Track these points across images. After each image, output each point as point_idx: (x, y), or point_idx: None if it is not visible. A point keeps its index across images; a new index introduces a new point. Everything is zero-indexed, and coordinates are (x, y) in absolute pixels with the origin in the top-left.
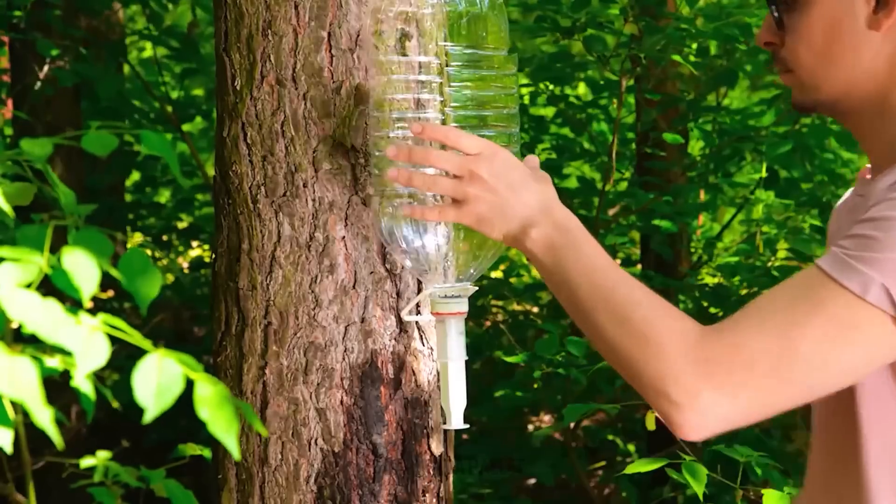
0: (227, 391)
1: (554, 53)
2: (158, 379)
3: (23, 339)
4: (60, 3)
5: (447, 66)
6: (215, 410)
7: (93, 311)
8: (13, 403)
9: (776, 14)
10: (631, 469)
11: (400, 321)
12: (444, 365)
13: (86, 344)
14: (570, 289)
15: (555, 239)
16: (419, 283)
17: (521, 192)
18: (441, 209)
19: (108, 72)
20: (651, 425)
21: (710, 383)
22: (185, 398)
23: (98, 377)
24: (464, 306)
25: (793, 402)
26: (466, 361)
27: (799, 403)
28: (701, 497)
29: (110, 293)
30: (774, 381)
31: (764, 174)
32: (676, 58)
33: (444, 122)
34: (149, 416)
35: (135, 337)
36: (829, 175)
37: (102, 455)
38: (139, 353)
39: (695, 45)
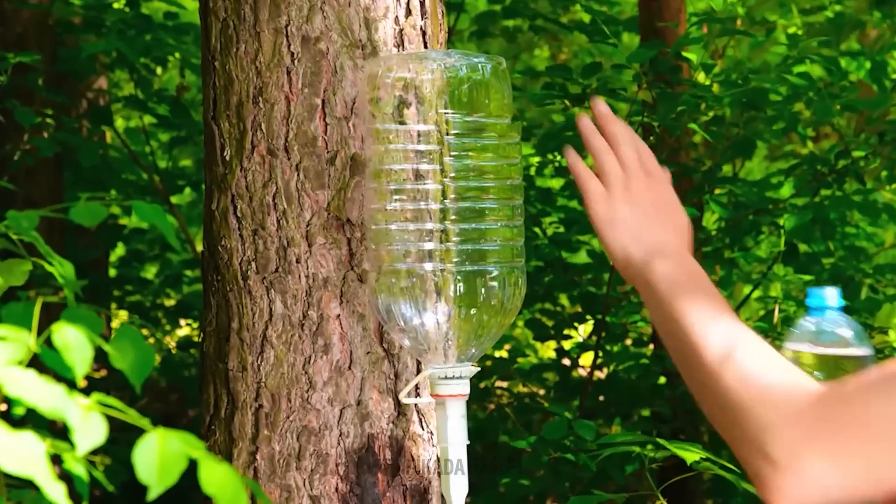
0: (233, 468)
1: (561, 122)
2: (160, 457)
3: None
4: (42, 67)
5: (447, 134)
6: (223, 488)
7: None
8: None
9: None
10: None
11: (398, 404)
12: (444, 449)
13: (83, 423)
14: (682, 330)
15: (679, 276)
16: (418, 363)
17: (666, 216)
18: (590, 182)
19: (92, 140)
20: None
21: (820, 445)
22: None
23: (88, 461)
24: (465, 388)
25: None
26: (469, 446)
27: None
28: None
29: (103, 372)
30: (872, 469)
31: (782, 248)
32: (693, 126)
33: (443, 194)
34: (153, 494)
35: (131, 416)
36: (851, 250)
37: None
38: (125, 435)
39: (711, 113)
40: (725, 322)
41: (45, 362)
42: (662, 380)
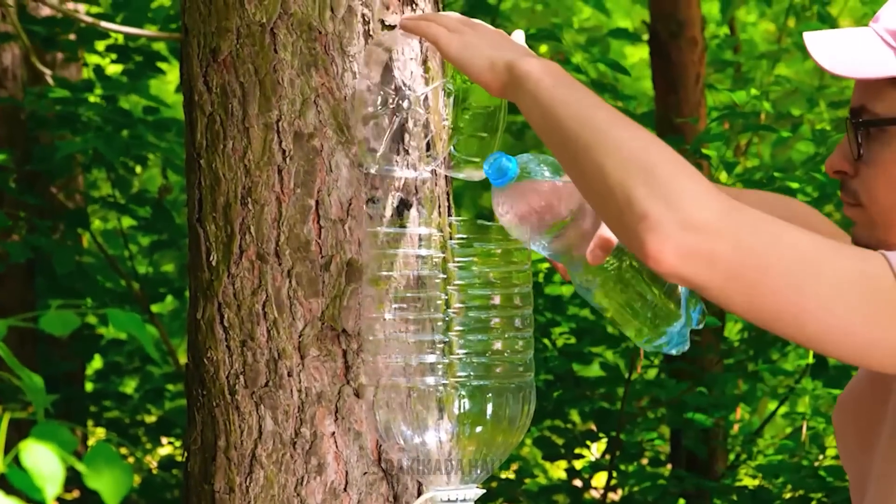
0: None
1: None
2: None
3: None
4: (14, 166)
5: (451, 238)
6: None
7: None
8: None
9: (858, 141)
10: None
11: None
12: None
13: None
14: (570, 116)
15: (551, 67)
16: (419, 485)
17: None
18: (431, 28)
19: (67, 245)
20: None
21: (703, 235)
22: None
23: None
24: None
25: (772, 316)
26: None
27: (778, 328)
28: None
29: (76, 493)
30: (766, 278)
31: (811, 360)
32: None
33: (447, 303)
34: None
35: None
36: None
37: None
38: None
39: None
40: (607, 110)
41: (12, 483)
42: (682, 502)
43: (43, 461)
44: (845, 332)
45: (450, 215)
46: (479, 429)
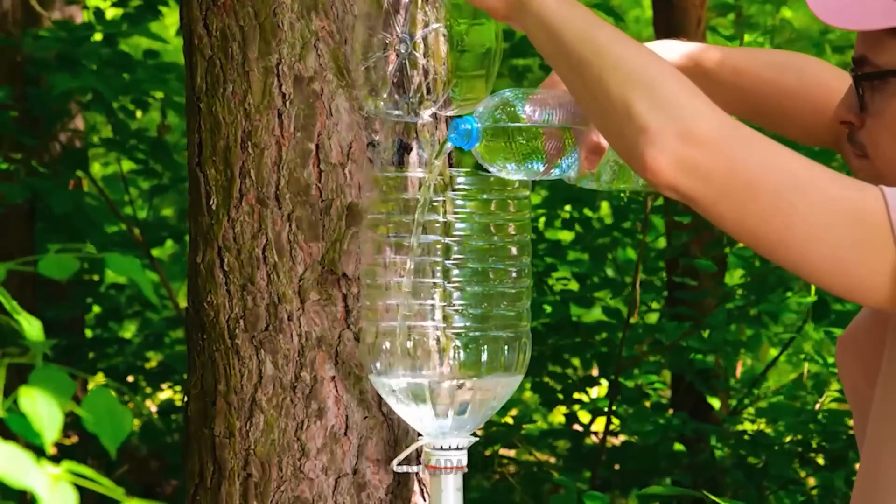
0: None
1: None
2: None
3: None
4: (12, 106)
5: (451, 190)
6: None
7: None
8: None
9: (860, 92)
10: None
11: (398, 472)
12: None
13: (51, 494)
14: (573, 34)
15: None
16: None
17: None
18: None
19: (66, 186)
20: None
21: (701, 149)
22: None
23: None
24: (463, 460)
25: (760, 237)
26: None
27: (765, 250)
28: None
29: (74, 439)
30: (756, 198)
31: (813, 298)
32: None
33: (447, 251)
34: None
35: (105, 485)
36: None
37: None
38: None
39: None
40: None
41: (11, 428)
42: (679, 446)
43: (41, 406)
44: (831, 262)
45: (450, 164)
46: (475, 378)
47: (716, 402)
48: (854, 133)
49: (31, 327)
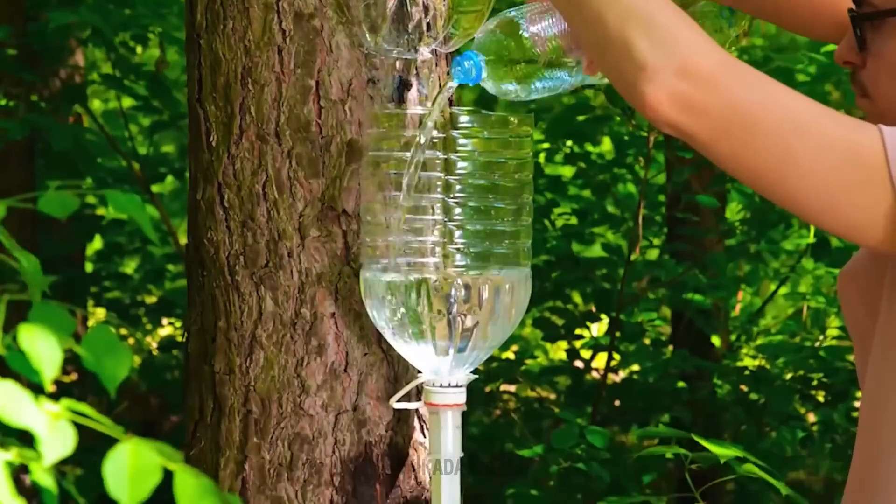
0: (212, 482)
1: (572, 105)
2: (132, 469)
3: None
4: (12, 42)
5: (453, 128)
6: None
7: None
8: None
9: (859, 33)
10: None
11: (398, 409)
12: (436, 462)
13: (50, 431)
14: None
15: None
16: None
17: None
18: None
19: (65, 122)
20: None
21: (698, 85)
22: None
23: (59, 472)
24: (462, 397)
25: (756, 173)
26: (474, 454)
27: (761, 186)
28: None
29: (74, 376)
30: (753, 134)
31: (812, 240)
32: None
33: (447, 188)
34: None
35: (104, 423)
36: None
37: None
38: (98, 445)
39: None
40: None
41: (10, 365)
42: (682, 384)
43: (40, 344)
44: (828, 202)
45: (451, 103)
46: (475, 316)
47: (716, 340)
48: (856, 73)
49: (30, 265)
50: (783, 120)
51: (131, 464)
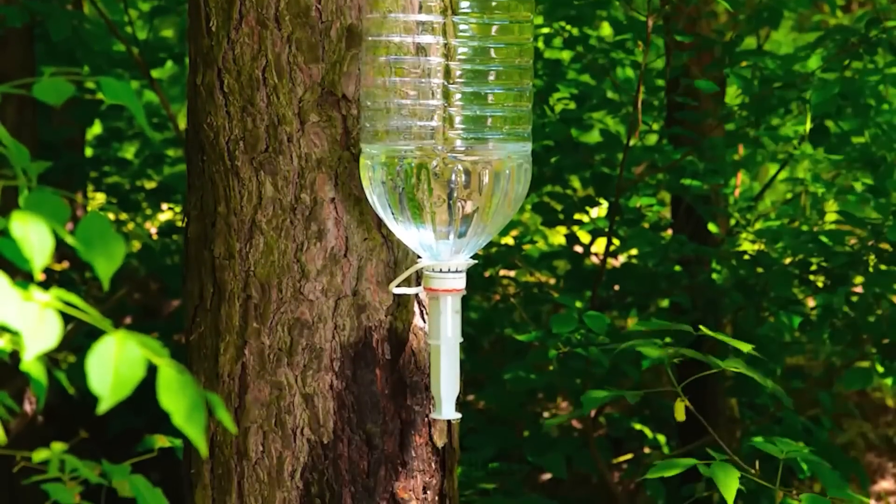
0: (193, 379)
1: None
2: (116, 364)
3: None
4: None
5: (454, 14)
6: (179, 401)
7: (47, 284)
8: None
9: None
10: (654, 473)
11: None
12: (436, 347)
13: (35, 323)
14: None
15: None
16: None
17: None
18: None
19: (64, 9)
20: (680, 416)
21: None
22: (153, 382)
23: (52, 359)
24: (461, 283)
25: None
26: (474, 339)
27: None
28: (731, 502)
29: (65, 264)
30: None
31: (809, 125)
32: None
33: (447, 73)
34: (104, 406)
35: (92, 315)
36: (887, 128)
37: (57, 447)
38: (100, 332)
39: None
40: None
41: (2, 253)
42: (677, 268)
43: (31, 231)
44: None
45: None
46: (474, 201)
47: (713, 227)
48: None
49: (19, 152)
50: None
51: (117, 359)
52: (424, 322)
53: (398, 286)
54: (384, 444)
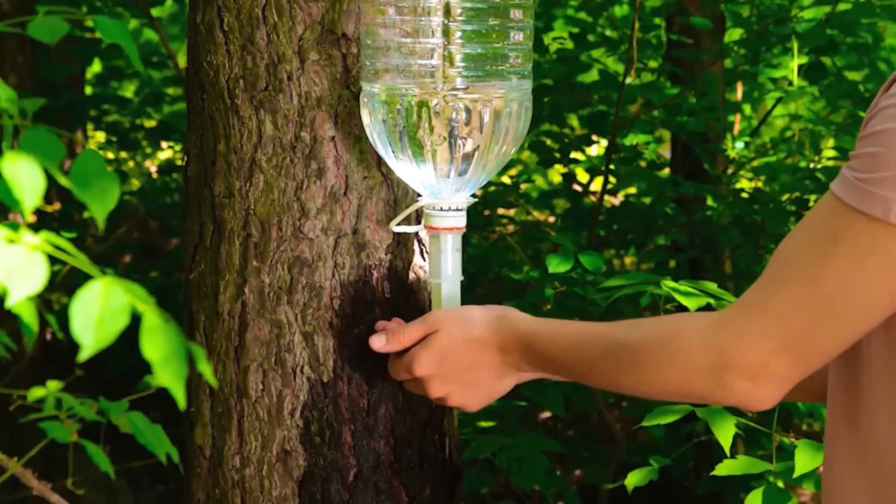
0: (178, 328)
1: None
2: (100, 311)
3: None
4: None
5: None
6: (160, 349)
7: (47, 225)
8: None
9: None
10: (650, 420)
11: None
12: (436, 286)
13: (20, 265)
14: (578, 374)
15: (532, 361)
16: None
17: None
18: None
19: None
20: None
21: (754, 353)
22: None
23: (45, 300)
24: (462, 221)
25: (841, 343)
26: (472, 278)
27: (850, 342)
28: (728, 450)
29: (57, 206)
30: (813, 330)
31: (797, 59)
32: None
33: (447, 11)
34: (85, 354)
35: (80, 260)
36: (882, 64)
37: (53, 385)
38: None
39: None
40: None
41: None
42: (670, 208)
43: (23, 171)
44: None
45: None
46: (475, 140)
47: (709, 167)
48: None
49: (6, 95)
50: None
51: (101, 305)
52: (424, 261)
53: (398, 224)
54: (384, 382)
